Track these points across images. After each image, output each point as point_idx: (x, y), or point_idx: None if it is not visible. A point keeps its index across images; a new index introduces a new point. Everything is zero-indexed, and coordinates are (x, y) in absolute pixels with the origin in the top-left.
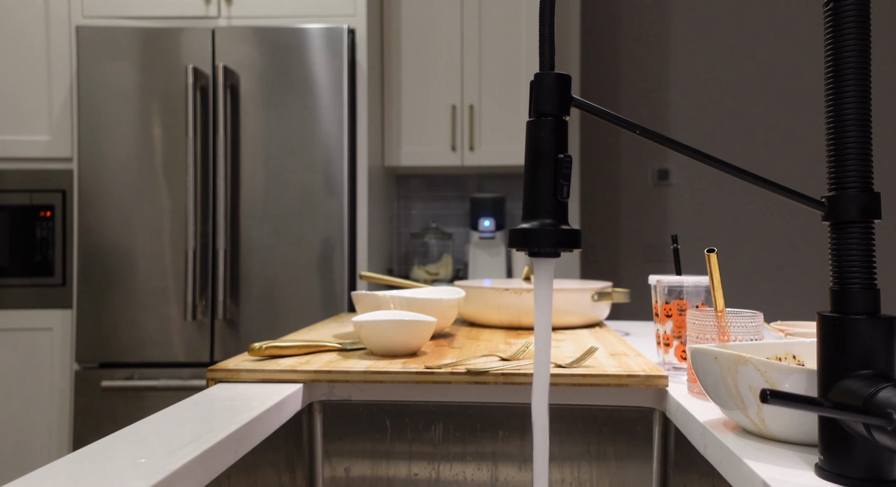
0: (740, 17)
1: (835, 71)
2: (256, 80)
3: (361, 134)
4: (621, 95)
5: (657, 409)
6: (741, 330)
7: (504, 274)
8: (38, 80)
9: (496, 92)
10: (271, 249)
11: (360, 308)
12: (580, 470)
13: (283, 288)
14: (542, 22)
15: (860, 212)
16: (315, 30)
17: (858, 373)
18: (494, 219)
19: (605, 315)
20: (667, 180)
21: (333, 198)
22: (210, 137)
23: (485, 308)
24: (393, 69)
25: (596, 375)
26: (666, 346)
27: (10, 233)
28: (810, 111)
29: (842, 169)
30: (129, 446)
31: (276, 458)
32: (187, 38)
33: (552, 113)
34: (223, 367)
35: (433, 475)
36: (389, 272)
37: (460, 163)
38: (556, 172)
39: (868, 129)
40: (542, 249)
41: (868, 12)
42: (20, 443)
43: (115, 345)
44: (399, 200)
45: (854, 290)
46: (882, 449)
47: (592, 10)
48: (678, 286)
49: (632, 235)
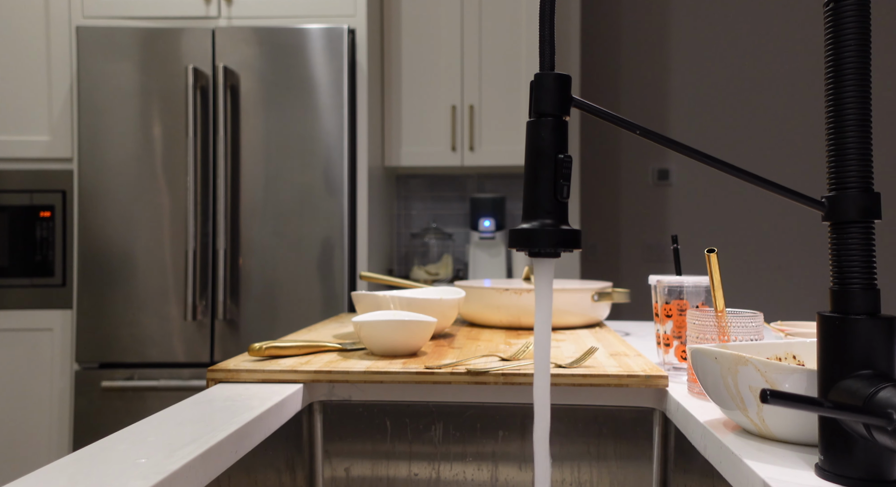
0: (740, 17)
1: (835, 71)
2: (256, 80)
3: (361, 134)
4: (621, 95)
5: (657, 409)
6: (741, 330)
7: (504, 275)
8: (39, 80)
9: (496, 92)
10: (271, 249)
11: (360, 308)
12: (580, 470)
13: (283, 288)
14: (542, 22)
15: (860, 212)
16: (315, 30)
17: (858, 373)
18: (494, 219)
19: (605, 315)
20: (667, 180)
21: (333, 198)
22: (210, 137)
23: (485, 308)
24: (393, 69)
25: (596, 375)
26: (666, 346)
27: (10, 234)
28: (810, 111)
29: (842, 169)
30: (129, 446)
31: (276, 458)
32: (187, 38)
33: (552, 113)
34: (223, 367)
35: (433, 475)
36: (389, 272)
37: (460, 163)
38: (556, 172)
39: (868, 129)
40: (542, 249)
41: (868, 12)
42: (20, 443)
43: (115, 346)
44: (399, 200)
45: (854, 290)
46: (882, 449)
47: (592, 10)
48: (678, 286)
49: (632, 235)
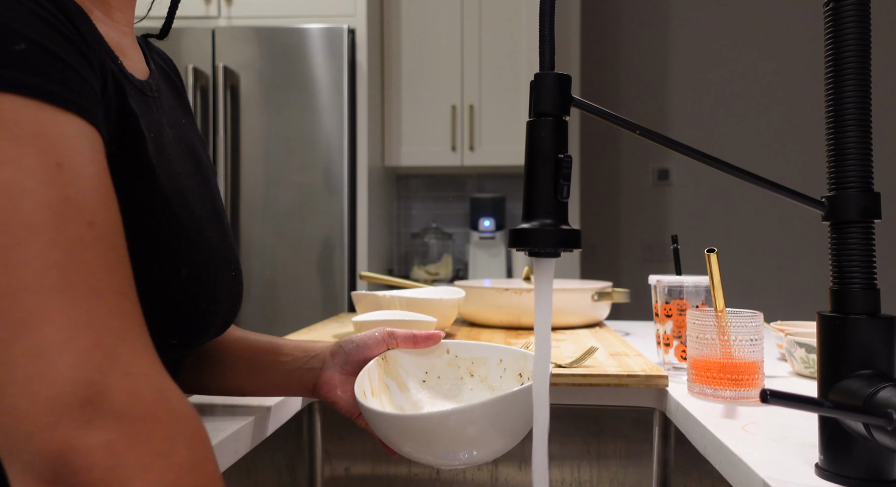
0: (740, 17)
1: (835, 71)
2: (256, 80)
3: (361, 134)
4: (621, 95)
5: (657, 409)
6: (741, 330)
7: (504, 274)
8: None
9: (496, 92)
10: (271, 249)
11: (360, 308)
12: (580, 470)
13: (283, 288)
14: (542, 22)
15: (860, 212)
16: (315, 30)
17: (858, 373)
18: (494, 219)
19: (605, 315)
20: (667, 180)
21: (333, 198)
22: (210, 137)
23: (485, 308)
24: (393, 69)
25: (596, 375)
26: (666, 346)
27: None
28: (810, 111)
29: (842, 169)
30: None
31: (276, 458)
32: (187, 38)
33: (552, 113)
34: None
35: (433, 474)
36: (389, 272)
37: (460, 163)
38: (556, 172)
39: (868, 129)
40: (542, 249)
41: (868, 12)
42: None
43: None
44: (399, 200)
45: (854, 290)
46: (882, 449)
47: (592, 10)
48: (678, 286)
49: (632, 235)
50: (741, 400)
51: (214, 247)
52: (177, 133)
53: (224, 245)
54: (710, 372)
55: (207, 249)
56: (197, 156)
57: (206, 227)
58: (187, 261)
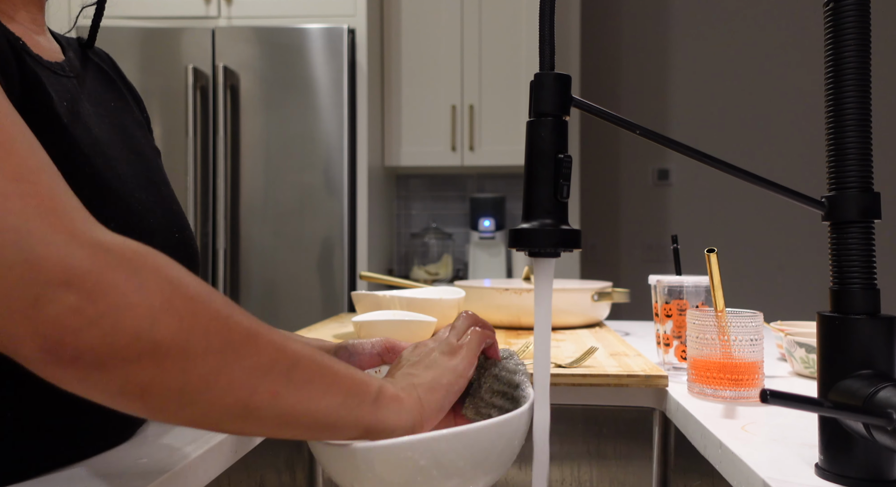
0: (740, 17)
1: (835, 71)
2: (256, 80)
3: (361, 134)
4: (621, 95)
5: (657, 409)
6: (741, 330)
7: (504, 274)
8: None
9: (496, 92)
10: (271, 249)
11: (360, 308)
12: (580, 470)
13: (283, 288)
14: (542, 22)
15: (860, 212)
16: (315, 30)
17: (858, 373)
18: (494, 219)
19: (605, 315)
20: (667, 180)
21: (333, 198)
22: (210, 137)
23: (485, 308)
24: (393, 69)
25: (596, 375)
26: (666, 346)
27: None
28: (810, 111)
29: (842, 169)
30: (129, 446)
31: (276, 458)
32: (187, 38)
33: (552, 113)
34: None
35: None
36: (389, 272)
37: (460, 163)
38: (556, 172)
39: (868, 129)
40: (542, 249)
41: (868, 12)
42: None
43: None
44: (399, 200)
45: (854, 290)
46: (882, 449)
47: (592, 10)
48: (678, 286)
49: (632, 235)
50: (741, 400)
51: (148, 207)
52: (101, 111)
53: (163, 209)
54: (710, 372)
55: (139, 208)
56: (129, 133)
57: (136, 189)
58: (115, 215)
